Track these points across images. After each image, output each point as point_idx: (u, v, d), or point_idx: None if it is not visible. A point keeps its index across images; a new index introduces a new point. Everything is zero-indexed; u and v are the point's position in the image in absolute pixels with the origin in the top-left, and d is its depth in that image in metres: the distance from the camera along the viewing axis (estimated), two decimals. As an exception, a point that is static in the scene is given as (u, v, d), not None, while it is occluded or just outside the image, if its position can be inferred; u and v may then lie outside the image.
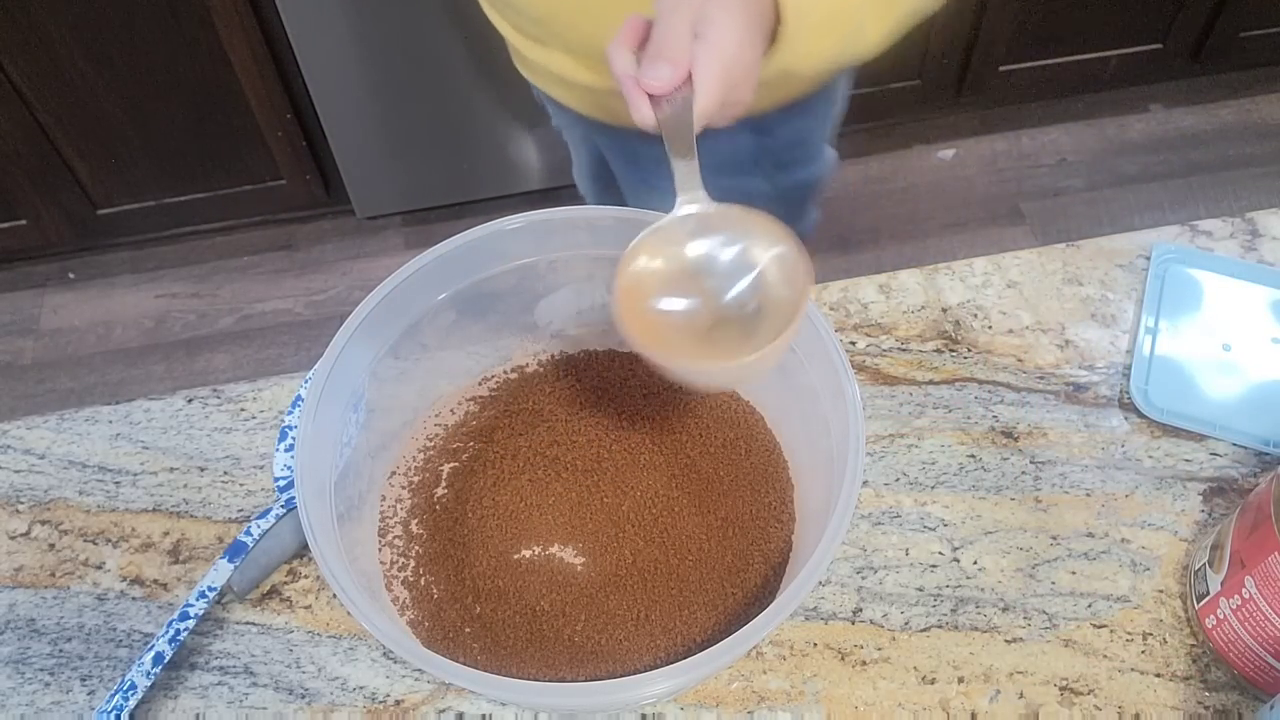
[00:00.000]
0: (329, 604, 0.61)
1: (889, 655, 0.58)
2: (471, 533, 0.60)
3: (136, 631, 0.61)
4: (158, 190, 1.75)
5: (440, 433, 0.64)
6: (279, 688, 0.58)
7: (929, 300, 0.74)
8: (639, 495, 0.60)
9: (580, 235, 0.61)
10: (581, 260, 0.62)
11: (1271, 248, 0.76)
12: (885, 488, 0.65)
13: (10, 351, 1.82)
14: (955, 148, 2.02)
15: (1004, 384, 0.69)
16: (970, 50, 1.81)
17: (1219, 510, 0.64)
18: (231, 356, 1.80)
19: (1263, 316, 0.72)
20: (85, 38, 1.49)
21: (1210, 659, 0.58)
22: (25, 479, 0.67)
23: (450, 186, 1.86)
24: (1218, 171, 1.97)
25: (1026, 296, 0.74)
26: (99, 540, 0.64)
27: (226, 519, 0.65)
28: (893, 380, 0.70)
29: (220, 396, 0.70)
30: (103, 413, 0.70)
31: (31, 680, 0.59)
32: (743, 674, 0.58)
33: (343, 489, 0.55)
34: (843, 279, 0.75)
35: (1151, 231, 0.77)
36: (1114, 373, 0.70)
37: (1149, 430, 0.67)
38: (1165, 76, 2.00)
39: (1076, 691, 0.57)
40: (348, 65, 1.58)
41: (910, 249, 1.88)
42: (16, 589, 0.63)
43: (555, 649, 0.55)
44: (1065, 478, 0.65)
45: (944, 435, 0.67)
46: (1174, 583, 0.61)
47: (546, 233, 0.60)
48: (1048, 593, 0.61)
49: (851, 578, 0.61)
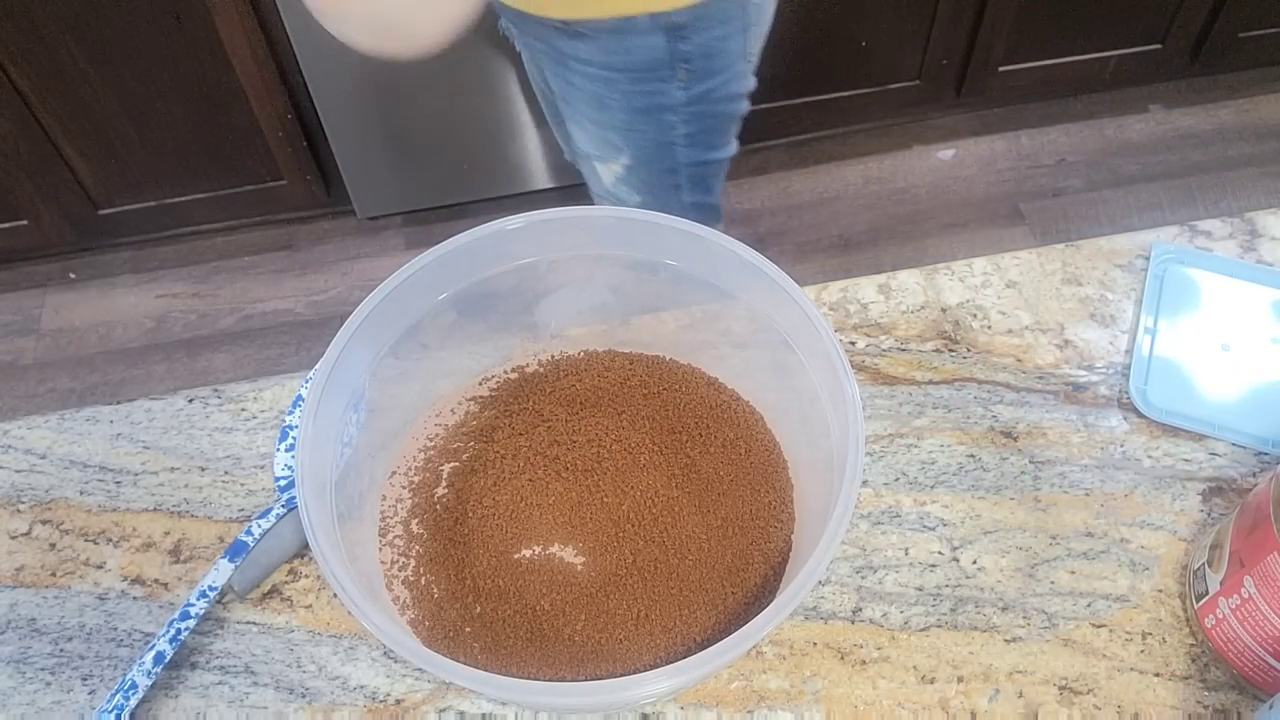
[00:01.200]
0: (329, 603, 0.61)
1: (889, 655, 0.59)
2: (472, 532, 0.60)
3: (137, 631, 0.61)
4: (158, 190, 1.76)
5: (440, 432, 0.65)
6: (279, 687, 0.58)
7: (928, 300, 0.74)
8: (639, 495, 0.61)
9: (580, 235, 0.61)
10: (581, 260, 0.62)
11: (1270, 248, 0.76)
12: (885, 487, 0.65)
13: (11, 351, 1.82)
14: (955, 148, 2.02)
15: (1003, 384, 0.69)
16: (970, 50, 1.81)
17: (1218, 510, 0.64)
18: (232, 356, 1.80)
19: (1262, 316, 0.72)
20: (85, 38, 1.49)
21: (1209, 658, 0.58)
22: (26, 479, 0.67)
23: (450, 186, 1.86)
24: (1217, 172, 1.98)
25: (1026, 297, 0.74)
26: (100, 540, 0.64)
27: (227, 519, 0.65)
28: (892, 380, 0.70)
29: (221, 396, 0.70)
30: (103, 412, 0.70)
31: (32, 680, 0.59)
32: (743, 674, 0.58)
33: (343, 489, 0.55)
34: (842, 279, 0.75)
35: (1151, 232, 0.77)
36: (1113, 373, 0.70)
37: (1148, 430, 0.67)
38: (1165, 77, 2.00)
39: (1076, 691, 0.57)
40: (348, 65, 1.58)
41: (910, 249, 1.88)
42: (17, 588, 0.63)
43: (555, 649, 0.55)
44: (1064, 477, 0.65)
45: (943, 435, 0.67)
46: (1173, 582, 0.61)
47: (546, 233, 0.60)
48: (1047, 592, 0.61)
49: (851, 577, 0.61)
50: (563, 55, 0.91)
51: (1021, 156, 2.01)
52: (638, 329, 0.68)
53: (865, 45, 1.76)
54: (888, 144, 2.01)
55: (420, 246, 0.69)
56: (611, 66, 0.88)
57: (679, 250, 0.60)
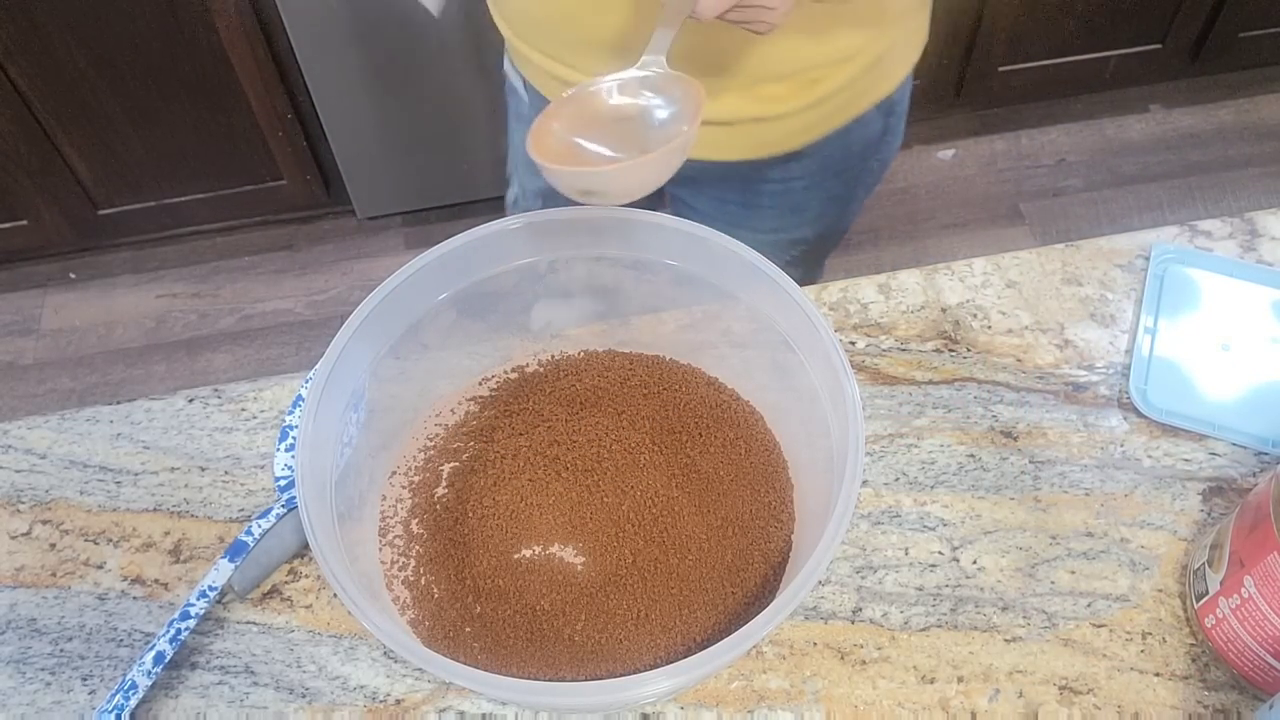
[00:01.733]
0: (329, 603, 0.61)
1: (889, 655, 0.59)
2: (472, 532, 0.60)
3: (137, 631, 0.61)
4: (158, 190, 1.75)
5: (440, 432, 0.65)
6: (279, 687, 0.58)
7: (928, 300, 0.74)
8: (639, 495, 0.61)
9: (580, 235, 0.61)
10: (581, 260, 0.62)
11: (1270, 248, 0.76)
12: (885, 487, 0.65)
13: (11, 351, 1.82)
14: (955, 148, 2.02)
15: (1003, 384, 0.69)
16: (970, 50, 1.81)
17: (1218, 510, 0.64)
18: (232, 356, 1.80)
19: (1262, 316, 0.72)
20: (85, 38, 1.49)
21: (1209, 658, 0.58)
22: (26, 479, 0.67)
23: (450, 186, 1.86)
24: (1217, 172, 1.97)
25: (1026, 296, 0.74)
26: (100, 540, 0.64)
27: (227, 519, 0.65)
28: (892, 380, 0.70)
29: (221, 396, 0.70)
30: (104, 412, 0.70)
31: (32, 680, 0.59)
32: (743, 673, 0.58)
33: (343, 489, 0.55)
34: (843, 279, 0.75)
35: (1150, 231, 0.77)
36: (1113, 373, 0.70)
37: (1148, 430, 0.67)
38: (1165, 77, 2.00)
39: (1076, 691, 0.57)
40: (348, 65, 1.58)
41: (910, 249, 1.88)
42: (17, 589, 0.63)
43: (555, 649, 0.55)
44: (1064, 477, 0.65)
45: (943, 435, 0.67)
46: (1173, 582, 0.61)
47: (546, 233, 0.60)
48: (1047, 592, 0.61)
49: (851, 577, 0.61)
50: (753, 185, 0.84)
51: (1021, 156, 2.01)
52: (638, 329, 0.68)
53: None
54: (888, 144, 2.01)
55: (420, 246, 0.69)
56: (826, 171, 0.82)
57: (679, 250, 0.60)
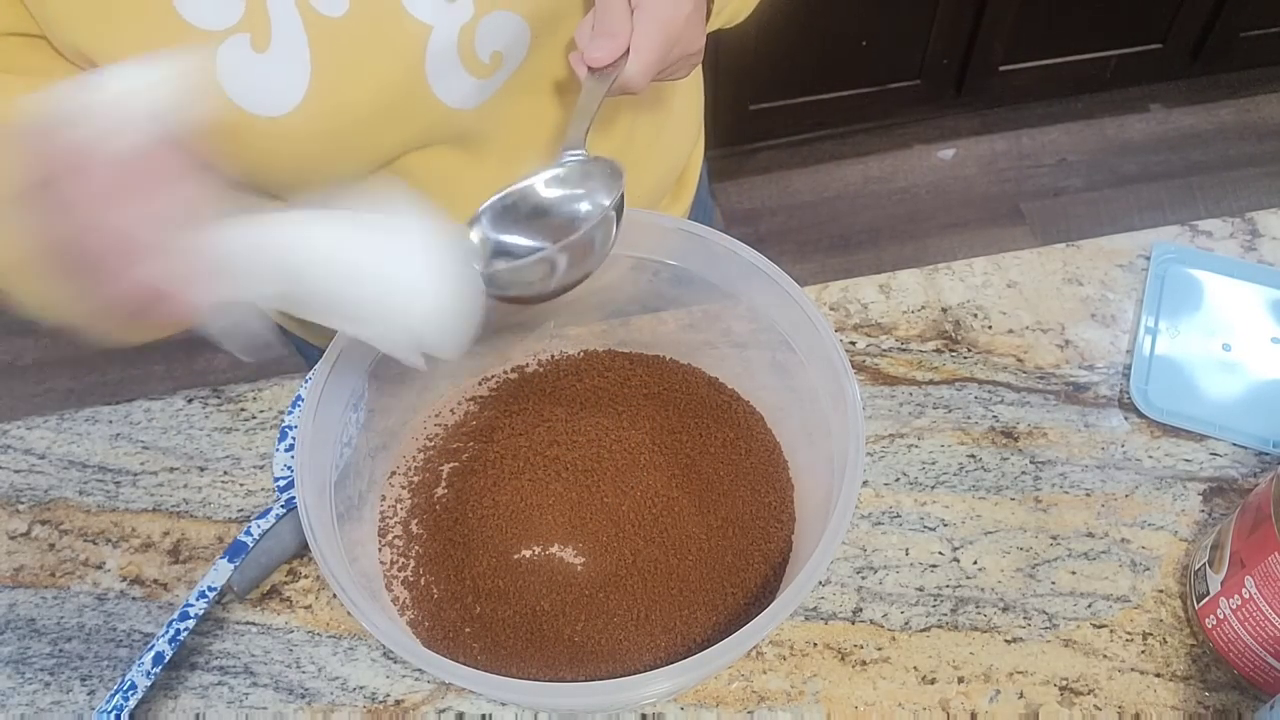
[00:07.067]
0: (329, 604, 0.61)
1: (889, 655, 0.59)
2: (471, 533, 0.60)
3: (137, 631, 0.61)
4: (158, 190, 1.75)
5: (440, 433, 0.64)
6: (279, 687, 0.58)
7: (929, 300, 0.74)
8: (639, 495, 0.60)
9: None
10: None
11: (1271, 248, 0.76)
12: (885, 488, 0.65)
13: (10, 351, 1.82)
14: (955, 148, 2.02)
15: (1004, 384, 0.69)
16: (970, 50, 1.81)
17: (1219, 510, 0.64)
18: (231, 356, 1.80)
19: (1263, 316, 0.72)
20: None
21: (1210, 659, 0.58)
22: (25, 479, 0.67)
23: (450, 186, 1.86)
24: (1218, 171, 1.97)
25: (1026, 296, 0.74)
26: (99, 540, 0.64)
27: (226, 519, 0.65)
28: (893, 380, 0.70)
29: (220, 396, 0.70)
30: (103, 413, 0.70)
31: (31, 680, 0.59)
32: (743, 674, 0.58)
33: (343, 489, 0.55)
34: (843, 279, 0.75)
35: (1151, 231, 0.77)
36: (1114, 373, 0.70)
37: (1149, 430, 0.67)
38: (1165, 76, 2.00)
39: (1076, 691, 0.57)
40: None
41: (910, 249, 1.88)
42: (16, 589, 0.63)
43: (555, 649, 0.55)
44: (1065, 478, 0.65)
45: (944, 435, 0.67)
46: (1174, 583, 0.61)
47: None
48: (1048, 593, 0.61)
49: (851, 578, 0.61)
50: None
51: (1022, 156, 2.01)
52: (638, 329, 0.68)
53: (865, 45, 1.76)
54: (888, 143, 2.01)
55: (421, 246, 0.69)
56: None
57: (679, 250, 0.60)
